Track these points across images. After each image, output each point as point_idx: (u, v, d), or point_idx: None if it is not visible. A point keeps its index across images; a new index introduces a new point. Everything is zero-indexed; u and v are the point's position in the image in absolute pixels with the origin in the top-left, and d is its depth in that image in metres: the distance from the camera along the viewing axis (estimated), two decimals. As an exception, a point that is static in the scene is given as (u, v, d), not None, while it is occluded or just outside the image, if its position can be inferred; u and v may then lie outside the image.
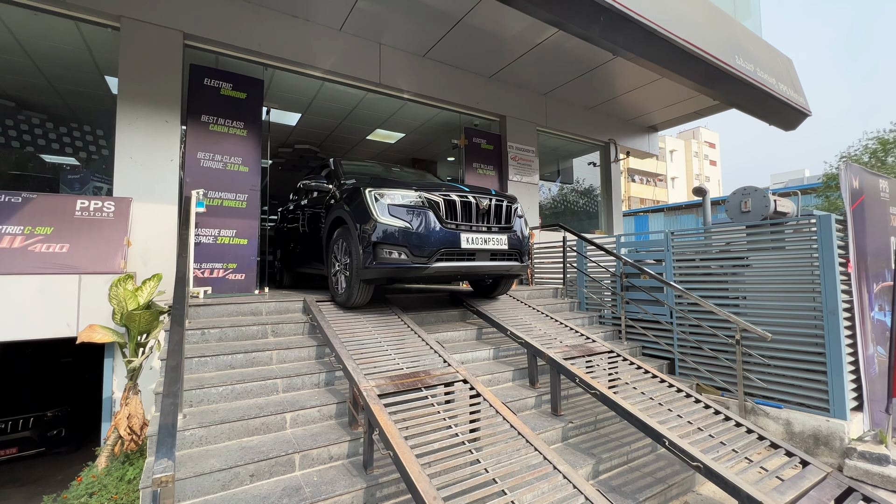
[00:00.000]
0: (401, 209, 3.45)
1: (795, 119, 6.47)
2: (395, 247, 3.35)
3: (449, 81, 6.10)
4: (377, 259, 3.37)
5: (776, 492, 2.22)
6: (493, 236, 3.71)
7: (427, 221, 3.43)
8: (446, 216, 3.54)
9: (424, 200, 3.52)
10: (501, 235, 3.78)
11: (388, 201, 3.47)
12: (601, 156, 8.60)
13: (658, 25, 4.19)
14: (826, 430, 3.46)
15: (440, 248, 3.42)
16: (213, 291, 4.29)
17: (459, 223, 3.58)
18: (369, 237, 3.38)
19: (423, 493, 1.89)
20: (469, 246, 3.55)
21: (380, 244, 3.36)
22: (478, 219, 3.70)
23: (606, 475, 2.98)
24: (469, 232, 3.60)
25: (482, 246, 3.63)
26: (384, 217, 3.39)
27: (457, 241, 3.50)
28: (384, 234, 3.36)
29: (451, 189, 3.71)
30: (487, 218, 3.76)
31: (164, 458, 1.32)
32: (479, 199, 3.71)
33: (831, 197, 13.38)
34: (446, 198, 3.57)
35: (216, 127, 4.45)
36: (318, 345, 3.43)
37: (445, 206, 3.54)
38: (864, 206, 3.92)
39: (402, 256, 3.35)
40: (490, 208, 3.76)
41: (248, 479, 2.31)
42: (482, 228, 3.71)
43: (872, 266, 3.96)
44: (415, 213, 3.44)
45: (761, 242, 4.10)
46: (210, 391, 2.74)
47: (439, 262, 3.43)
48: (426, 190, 3.59)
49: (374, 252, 3.37)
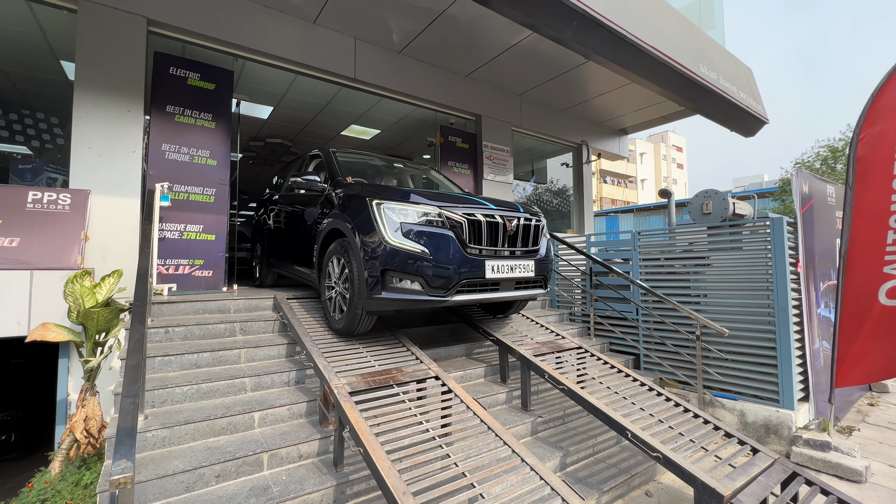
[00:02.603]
0: (417, 229, 2.90)
1: (754, 126, 6.81)
2: (408, 276, 2.83)
3: (425, 79, 6.09)
4: (385, 288, 2.86)
5: (728, 478, 2.35)
6: (519, 262, 3.20)
7: (448, 246, 2.90)
8: (470, 239, 3.01)
9: (445, 220, 2.98)
10: (528, 261, 3.28)
11: (402, 219, 2.92)
12: (574, 157, 8.79)
13: (628, 32, 4.33)
14: (776, 420, 3.68)
15: (461, 280, 2.91)
16: (179, 288, 4.15)
17: (484, 248, 3.06)
18: (377, 262, 2.85)
19: (393, 488, 1.91)
20: (494, 275, 3.03)
21: (390, 271, 2.85)
22: (504, 242, 3.18)
23: (573, 467, 3.08)
24: (494, 258, 3.08)
25: (507, 274, 3.11)
26: (396, 238, 2.85)
27: (481, 270, 2.98)
28: (396, 259, 2.82)
29: (474, 204, 3.20)
30: (514, 240, 3.25)
31: (123, 459, 1.28)
32: (506, 220, 3.18)
33: (787, 201, 14.17)
34: (470, 217, 3.03)
35: (182, 118, 4.29)
36: (289, 343, 3.38)
37: (469, 228, 3.01)
38: (812, 210, 4.18)
39: (415, 287, 2.84)
40: (518, 229, 3.26)
41: (214, 480, 2.26)
42: (508, 253, 3.21)
43: (819, 266, 4.23)
44: (433, 234, 2.91)
45: (721, 243, 4.31)
46: (174, 391, 2.66)
47: (459, 294, 2.93)
48: (447, 206, 3.04)
49: (382, 280, 2.85)
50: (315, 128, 8.09)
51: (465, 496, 2.03)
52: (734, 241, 4.23)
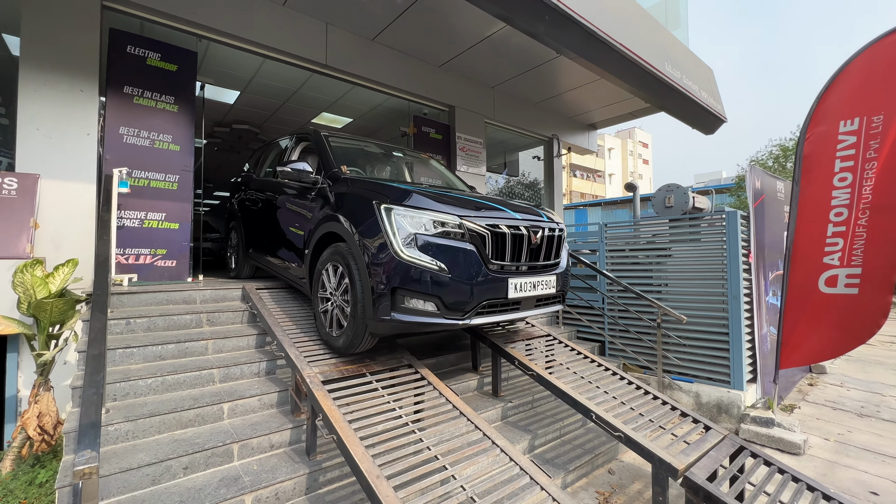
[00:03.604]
0: (433, 241, 2.51)
1: (714, 124, 7.15)
2: (422, 295, 2.48)
3: (398, 68, 6.02)
4: (395, 308, 2.50)
5: (683, 454, 2.52)
6: (541, 278, 2.90)
7: (469, 262, 2.54)
8: (492, 254, 2.66)
9: (466, 232, 2.59)
10: (550, 276, 2.97)
11: (416, 229, 2.52)
12: (545, 150, 8.95)
13: (599, 29, 4.43)
14: (727, 400, 3.95)
15: (482, 301, 2.60)
16: (140, 279, 3.98)
17: (506, 264, 2.72)
18: (386, 278, 2.48)
19: (367, 472, 1.94)
20: (516, 295, 2.72)
21: (401, 290, 2.49)
22: (527, 255, 2.86)
23: (541, 449, 3.20)
24: (517, 275, 2.75)
25: (529, 293, 2.81)
26: (409, 251, 2.47)
27: (503, 289, 2.66)
28: (409, 277, 2.45)
29: (493, 210, 2.82)
30: (538, 253, 2.94)
31: (88, 450, 1.25)
32: (531, 231, 2.85)
33: (741, 196, 14.97)
34: (494, 229, 2.67)
35: (142, 100, 4.08)
36: (259, 333, 3.33)
37: (492, 241, 2.66)
38: (764, 205, 4.45)
39: (429, 308, 2.50)
40: (542, 241, 2.94)
41: (182, 472, 2.22)
42: (528, 267, 2.89)
43: (769, 257, 4.53)
44: (453, 249, 2.52)
45: (681, 235, 4.53)
46: (137, 383, 2.58)
47: (479, 316, 2.62)
48: (468, 214, 2.65)
49: (392, 299, 2.50)
50: (284, 115, 7.86)
51: (438, 478, 2.08)
52: (693, 234, 4.46)
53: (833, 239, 3.31)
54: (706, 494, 2.21)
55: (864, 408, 4.43)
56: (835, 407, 4.46)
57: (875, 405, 4.50)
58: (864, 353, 6.62)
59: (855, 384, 5.20)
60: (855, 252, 3.21)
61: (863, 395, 4.83)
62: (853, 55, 3.25)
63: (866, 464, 3.29)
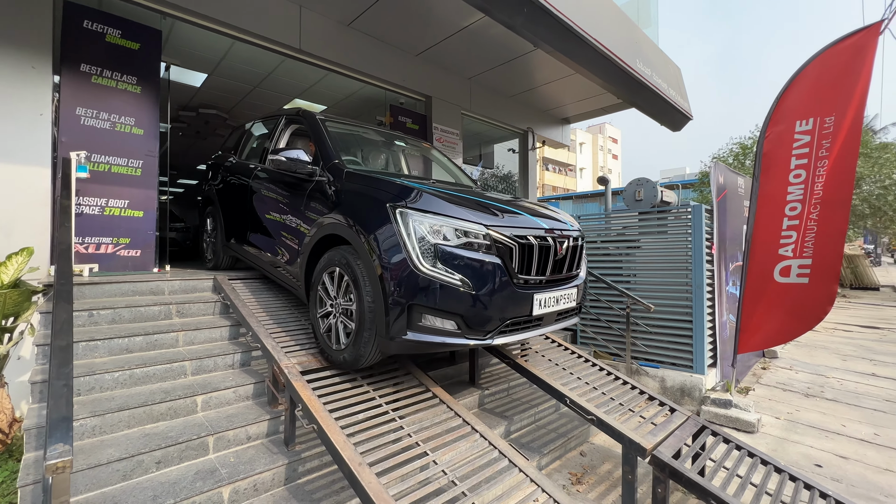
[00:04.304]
0: (456, 253, 2.24)
1: (681, 121, 7.43)
2: (443, 313, 2.23)
3: (375, 55, 5.92)
4: (412, 327, 2.25)
5: (651, 434, 2.66)
6: (564, 291, 2.69)
7: (494, 277, 2.29)
8: (519, 267, 2.42)
9: (491, 243, 2.33)
10: (571, 289, 2.77)
11: (437, 239, 2.24)
12: (520, 143, 9.05)
13: (575, 24, 4.50)
14: (690, 384, 4.18)
15: (507, 319, 2.38)
16: (102, 269, 3.79)
17: (530, 278, 2.49)
18: (402, 294, 2.22)
19: (349, 460, 1.95)
20: (540, 311, 2.51)
21: (419, 307, 2.22)
22: (553, 268, 2.63)
23: (517, 434, 3.30)
24: (542, 290, 2.52)
25: (552, 308, 2.60)
26: (428, 265, 2.20)
27: (528, 305, 2.44)
28: (428, 293, 2.19)
29: (516, 216, 2.57)
30: (562, 265, 2.71)
31: (60, 443, 1.20)
32: (557, 241, 2.63)
33: (704, 191, 15.67)
34: (521, 240, 2.42)
35: (101, 80, 3.84)
36: (232, 325, 3.24)
37: (519, 253, 2.41)
38: (726, 199, 4.69)
39: (448, 327, 2.25)
40: (567, 251, 2.72)
41: (155, 467, 2.16)
42: (554, 280, 2.66)
43: (729, 249, 4.79)
44: (477, 262, 2.26)
45: (650, 227, 4.72)
46: (103, 377, 2.47)
47: (502, 335, 2.40)
48: (494, 223, 2.38)
49: (408, 316, 2.24)
50: (255, 100, 7.59)
51: (419, 463, 2.12)
52: (661, 226, 4.65)
53: (787, 232, 3.54)
54: (672, 471, 2.35)
55: (811, 389, 4.79)
56: (785, 388, 4.80)
57: (820, 386, 4.88)
58: (810, 338, 7.14)
59: (803, 367, 5.61)
60: (806, 244, 3.45)
61: (809, 377, 5.22)
62: (808, 60, 3.46)
63: (812, 439, 3.58)
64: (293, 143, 3.62)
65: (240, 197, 3.98)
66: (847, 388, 4.80)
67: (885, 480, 2.98)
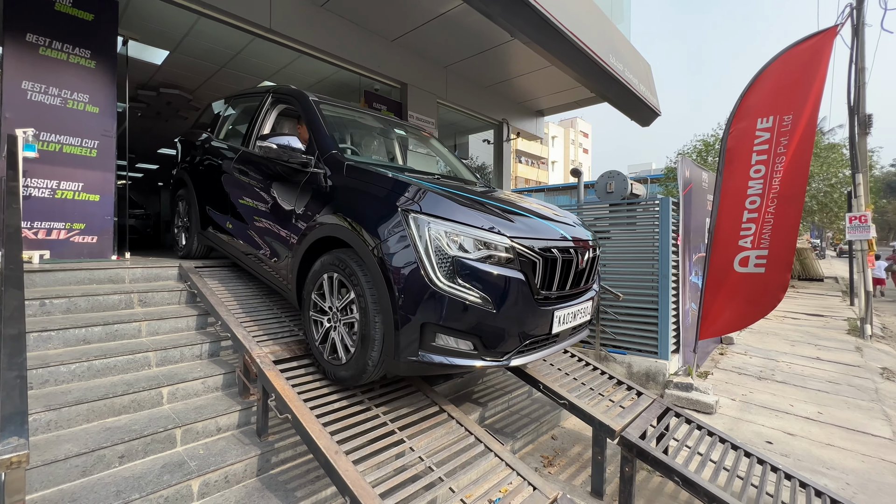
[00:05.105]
0: (476, 267, 2.02)
1: (650, 117, 7.66)
2: (459, 333, 2.03)
3: (349, 38, 5.76)
4: (424, 347, 2.03)
5: (619, 417, 2.77)
6: (581, 306, 2.53)
7: (517, 294, 2.09)
8: (541, 283, 2.23)
9: (515, 256, 2.11)
10: (587, 302, 2.61)
11: (456, 251, 2.02)
12: (495, 134, 9.08)
13: (551, 15, 4.53)
14: (654, 369, 4.37)
15: (528, 338, 2.20)
16: (54, 256, 3.55)
17: (552, 293, 2.30)
18: (416, 310, 1.99)
19: (325, 449, 1.93)
20: (560, 328, 2.34)
21: (433, 326, 2.01)
22: (573, 282, 2.45)
23: (491, 420, 3.36)
24: (562, 306, 2.34)
25: (570, 324, 2.44)
26: (447, 280, 1.98)
27: (548, 323, 2.26)
28: (446, 311, 1.98)
29: (535, 220, 2.41)
30: (580, 278, 2.53)
31: (14, 437, 1.13)
32: (579, 252, 2.45)
33: (669, 186, 16.27)
34: (546, 253, 2.23)
35: (50, 52, 3.56)
36: (200, 314, 3.12)
37: (542, 267, 2.22)
38: (691, 193, 4.89)
39: (463, 347, 2.06)
40: (587, 263, 2.56)
41: (118, 461, 2.07)
42: (573, 294, 2.49)
43: (693, 240, 5.01)
44: (500, 277, 2.05)
45: (620, 219, 4.86)
46: (58, 369, 2.33)
47: (520, 355, 2.21)
48: (517, 234, 2.16)
49: (421, 336, 2.02)
50: (221, 80, 7.25)
51: (396, 451, 2.12)
52: (630, 218, 4.80)
53: (747, 224, 3.73)
54: (639, 451, 2.46)
55: (763, 372, 5.11)
56: (740, 372, 5.10)
57: (771, 370, 5.21)
58: (763, 325, 7.60)
59: (756, 353, 5.97)
60: (764, 236, 3.65)
61: (761, 361, 5.57)
62: (770, 59, 3.62)
63: (763, 418, 3.83)
64: (280, 126, 3.36)
65: (219, 182, 3.60)
66: (795, 371, 5.16)
67: (827, 454, 3.23)
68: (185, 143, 4.54)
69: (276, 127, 3.38)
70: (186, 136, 4.62)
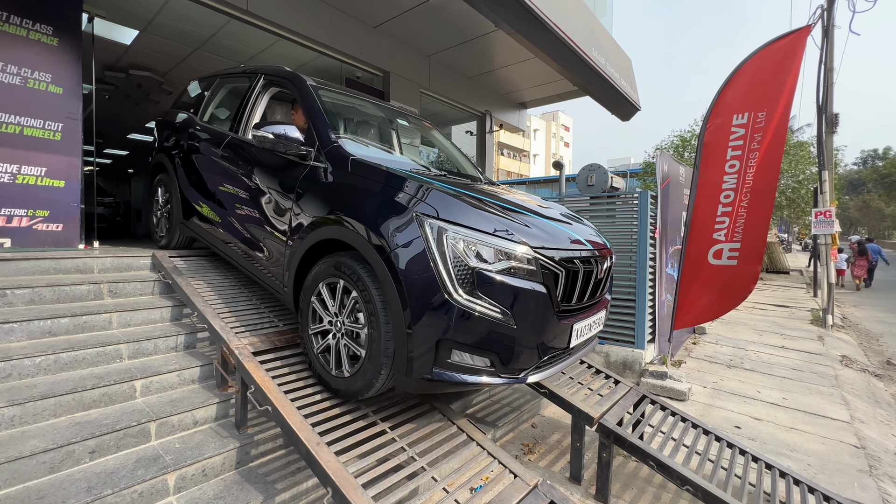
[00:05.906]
0: (498, 280, 1.89)
1: (630, 112, 7.77)
2: (477, 351, 1.92)
3: (330, 23, 5.61)
4: (439, 364, 1.91)
5: (598, 405, 2.84)
6: (597, 317, 2.45)
7: (538, 308, 1.98)
8: (563, 295, 2.12)
9: (537, 268, 1.99)
10: (602, 311, 2.54)
11: (476, 261, 1.89)
12: (478, 126, 9.05)
13: (535, 6, 4.51)
14: (631, 358, 4.49)
15: (546, 353, 2.10)
16: (15, 244, 3.37)
17: (571, 306, 2.20)
18: (433, 326, 1.87)
19: (307, 440, 1.90)
20: (577, 341, 2.25)
21: (449, 343, 1.89)
22: (592, 292, 2.36)
23: (472, 409, 3.39)
24: (581, 317, 2.25)
25: (586, 336, 2.36)
26: (466, 293, 1.86)
27: (567, 336, 2.16)
28: (466, 327, 1.86)
29: (554, 224, 2.33)
30: (598, 287, 2.44)
31: (-25, 433, 1.07)
32: (598, 261, 2.36)
33: (647, 180, 16.62)
34: (568, 264, 2.12)
35: (7, 27, 3.33)
36: (175, 305, 3.03)
37: (564, 279, 2.10)
38: (669, 187, 5.00)
39: (479, 364, 1.94)
40: (605, 272, 2.49)
41: (88, 457, 1.99)
42: (590, 305, 2.40)
43: (670, 233, 5.13)
44: (521, 290, 1.93)
45: (600, 211, 4.93)
46: (22, 363, 2.23)
47: (537, 371, 2.11)
48: (540, 244, 2.05)
49: (436, 352, 1.90)
50: (195, 63, 6.96)
51: (378, 441, 2.12)
52: (610, 210, 4.88)
53: (721, 218, 3.84)
54: (616, 437, 2.53)
55: (732, 360, 5.32)
56: (711, 361, 5.30)
57: (740, 358, 5.43)
58: (733, 316, 7.90)
59: (726, 342, 6.21)
60: (737, 229, 3.77)
61: (731, 350, 5.79)
62: (746, 57, 3.71)
63: (732, 405, 3.99)
64: (272, 111, 3.12)
65: (202, 168, 3.35)
66: (762, 360, 5.39)
67: (791, 438, 3.40)
68: (165, 123, 4.23)
69: (269, 112, 3.15)
70: (167, 115, 4.34)
